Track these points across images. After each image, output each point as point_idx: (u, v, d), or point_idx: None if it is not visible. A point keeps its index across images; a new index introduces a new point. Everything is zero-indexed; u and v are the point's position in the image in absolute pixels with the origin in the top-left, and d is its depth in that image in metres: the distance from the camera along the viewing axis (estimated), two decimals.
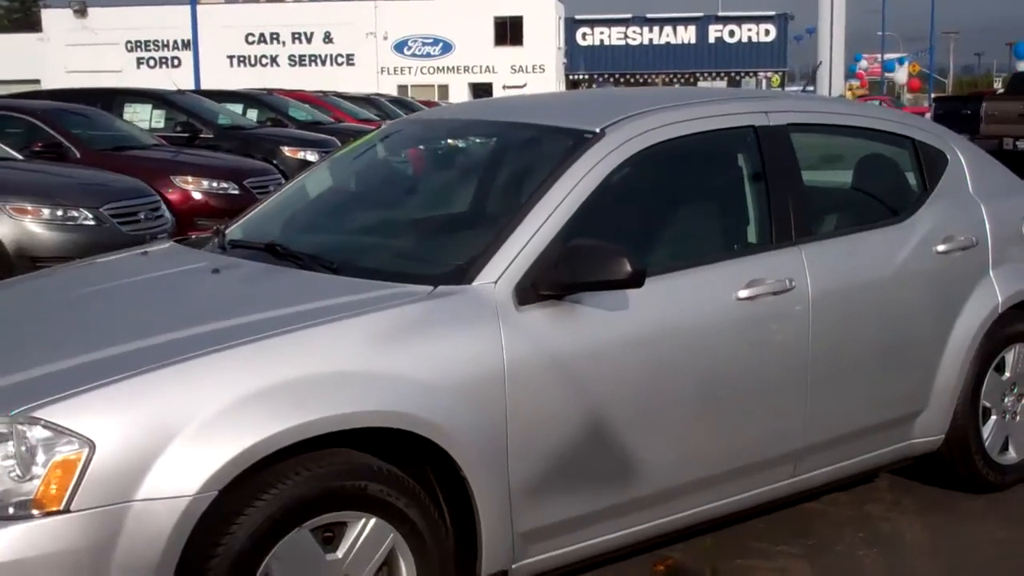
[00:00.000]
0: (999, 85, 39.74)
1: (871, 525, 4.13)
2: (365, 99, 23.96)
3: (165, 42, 54.98)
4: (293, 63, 55.63)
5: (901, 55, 70.38)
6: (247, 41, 55.72)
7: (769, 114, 3.81)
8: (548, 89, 50.58)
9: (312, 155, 13.39)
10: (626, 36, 63.63)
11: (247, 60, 55.58)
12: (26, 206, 8.18)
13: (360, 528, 2.78)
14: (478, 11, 54.93)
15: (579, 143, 3.41)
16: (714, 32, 62.67)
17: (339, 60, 55.83)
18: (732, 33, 62.49)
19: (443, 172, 4.60)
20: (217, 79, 32.93)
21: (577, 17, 63.83)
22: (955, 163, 4.28)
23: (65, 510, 2.45)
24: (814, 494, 4.07)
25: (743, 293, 3.48)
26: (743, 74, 62.60)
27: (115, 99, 14.21)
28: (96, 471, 2.46)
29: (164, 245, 4.04)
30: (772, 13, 62.38)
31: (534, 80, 54.01)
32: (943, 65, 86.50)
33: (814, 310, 3.63)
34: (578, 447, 3.15)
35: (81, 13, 55.38)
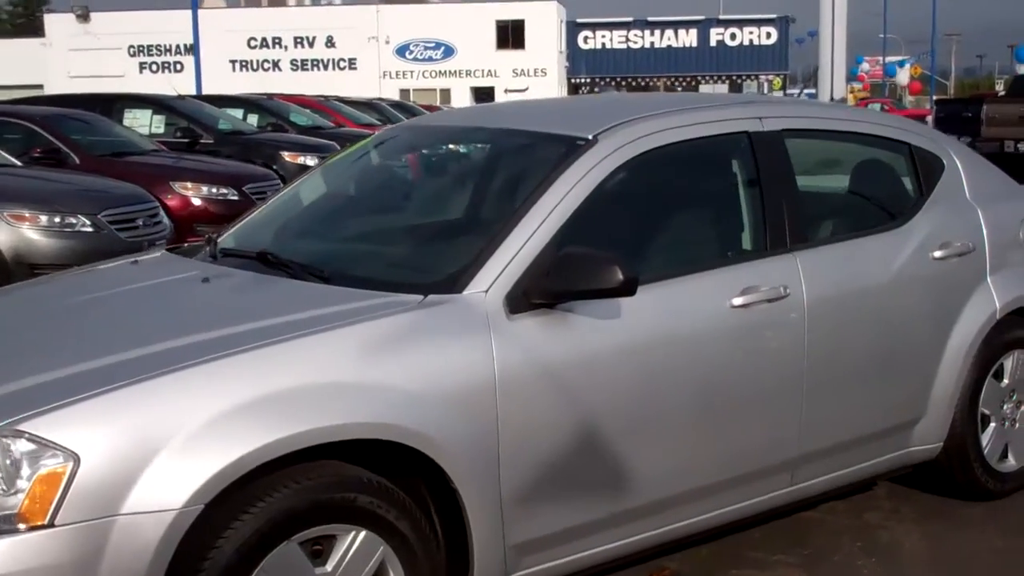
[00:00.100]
0: (1001, 87, 39.69)
1: (869, 534, 4.10)
2: (366, 103, 23.96)
3: (167, 47, 55.09)
4: (295, 67, 55.68)
5: (903, 57, 70.28)
6: (249, 45, 55.78)
7: (763, 120, 3.78)
8: (550, 92, 50.61)
9: (312, 160, 13.37)
10: (627, 39, 63.62)
11: (249, 65, 55.64)
12: (23, 213, 8.14)
13: (349, 541, 2.75)
14: (480, 15, 54.98)
15: (571, 150, 3.39)
16: (715, 35, 62.64)
17: (341, 64, 55.88)
18: (733, 36, 62.46)
19: (436, 179, 4.58)
20: (219, 84, 32.96)
21: (579, 20, 63.83)
22: (951, 168, 4.25)
23: (50, 524, 2.42)
24: (812, 503, 4.04)
25: (737, 301, 3.45)
26: (744, 77, 62.56)
27: (115, 104, 14.15)
28: (81, 485, 2.44)
29: (155, 254, 4.02)
30: (773, 16, 62.38)
31: (536, 84, 54.01)
32: (945, 67, 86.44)
33: (809, 317, 3.61)
34: (571, 457, 3.12)
35: (84, 18, 55.48)
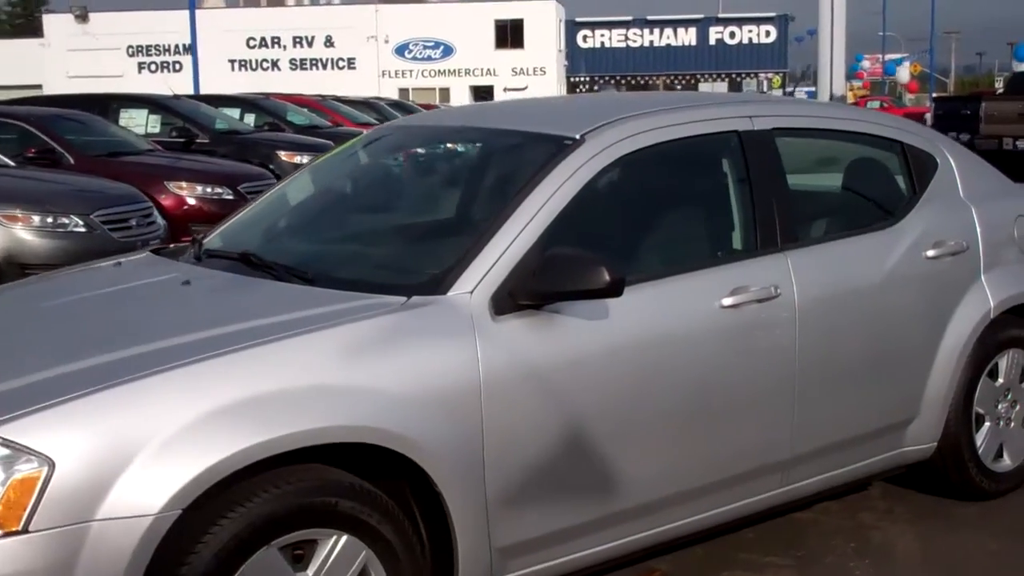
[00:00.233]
0: (1000, 85, 39.64)
1: (863, 535, 4.07)
2: (364, 103, 23.91)
3: (166, 47, 55.05)
4: (294, 67, 55.66)
5: (902, 55, 70.20)
6: (248, 45, 55.75)
7: (753, 119, 3.74)
8: (549, 91, 50.55)
9: (308, 159, 13.34)
10: (627, 38, 63.59)
11: (248, 64, 55.61)
12: (16, 213, 8.09)
13: (331, 546, 2.71)
14: (479, 14, 54.95)
15: (559, 149, 3.35)
16: (715, 34, 62.61)
17: (340, 64, 55.85)
18: (733, 35, 62.43)
19: (423, 179, 4.54)
20: (218, 83, 32.91)
21: (578, 19, 63.80)
22: (945, 166, 4.21)
23: (24, 530, 2.38)
24: (805, 503, 4.00)
25: (727, 301, 3.42)
26: (744, 75, 62.52)
27: (111, 104, 14.14)
28: (56, 490, 2.40)
29: (139, 255, 3.98)
30: (772, 14, 62.34)
31: (535, 82, 53.97)
32: (945, 65, 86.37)
33: (800, 317, 3.57)
34: (558, 460, 3.08)
35: (82, 18, 55.45)
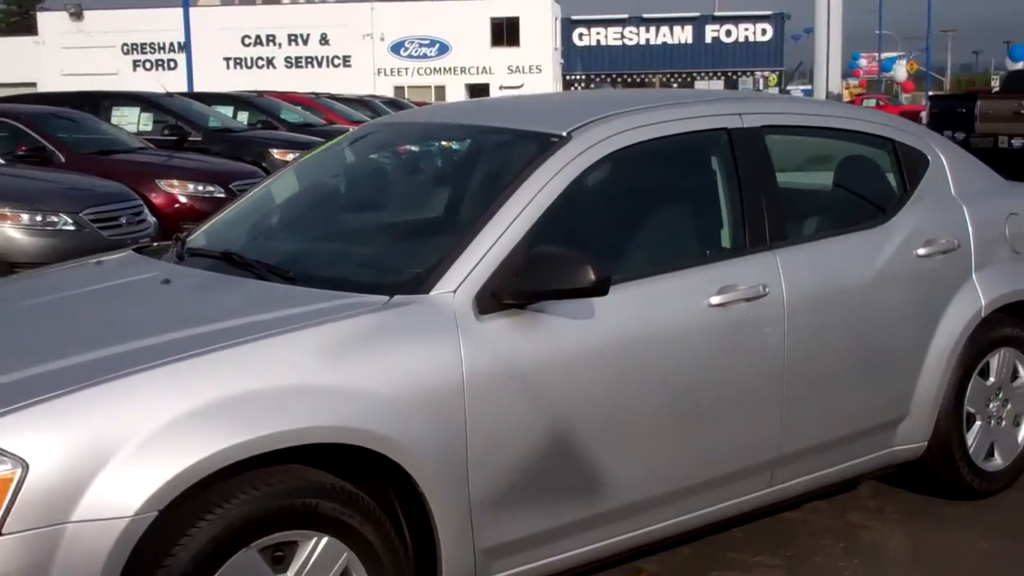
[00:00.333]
0: (996, 83, 39.63)
1: (852, 534, 4.04)
2: (358, 101, 23.86)
3: (161, 44, 54.90)
4: (289, 65, 55.56)
5: (897, 54, 70.17)
6: (243, 43, 55.65)
7: (743, 116, 3.71)
8: (545, 89, 50.48)
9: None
10: (623, 36, 63.62)
11: (243, 62, 55.50)
12: (4, 211, 8.05)
13: (311, 548, 2.67)
14: (474, 12, 54.86)
15: (544, 147, 3.32)
16: (711, 32, 62.65)
17: (336, 62, 55.76)
18: (729, 33, 62.47)
19: (408, 177, 4.50)
20: (213, 82, 32.85)
21: (574, 17, 63.81)
22: (936, 164, 4.18)
23: None
24: (794, 503, 3.98)
25: (715, 300, 3.39)
26: (740, 73, 62.52)
27: (103, 102, 14.10)
28: (30, 492, 2.36)
29: (121, 254, 3.94)
30: (768, 13, 62.38)
31: (531, 81, 53.91)
32: (941, 63, 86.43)
33: (789, 316, 3.54)
34: (543, 460, 3.05)
35: (77, 16, 55.30)
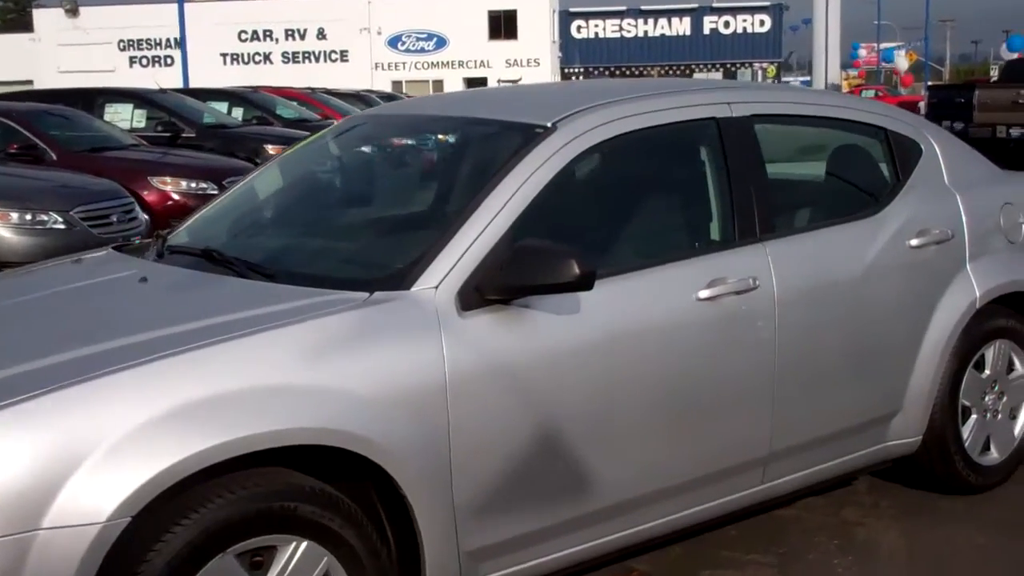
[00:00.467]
0: (995, 73, 39.53)
1: (847, 531, 3.98)
2: (354, 95, 23.80)
3: (157, 40, 54.73)
4: (287, 60, 55.45)
5: (895, 44, 69.95)
6: (240, 39, 55.52)
7: (732, 105, 3.64)
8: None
9: None
10: (621, 28, 63.43)
11: (240, 58, 55.39)
12: None
13: (291, 552, 2.61)
14: (472, 5, 54.72)
15: (529, 138, 3.25)
16: (709, 23, 62.45)
17: (333, 56, 55.63)
18: (727, 24, 62.28)
19: (393, 170, 4.43)
20: (211, 77, 32.77)
21: (571, 10, 63.63)
22: (929, 153, 4.11)
23: None
24: (788, 499, 3.92)
25: (704, 293, 3.32)
26: (739, 65, 62.38)
27: (96, 99, 14.04)
28: None
29: (100, 252, 3.87)
30: (767, 3, 62.17)
31: (529, 74, 53.76)
32: (940, 53, 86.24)
33: (780, 310, 3.48)
34: (529, 460, 2.99)
35: (73, 12, 55.14)
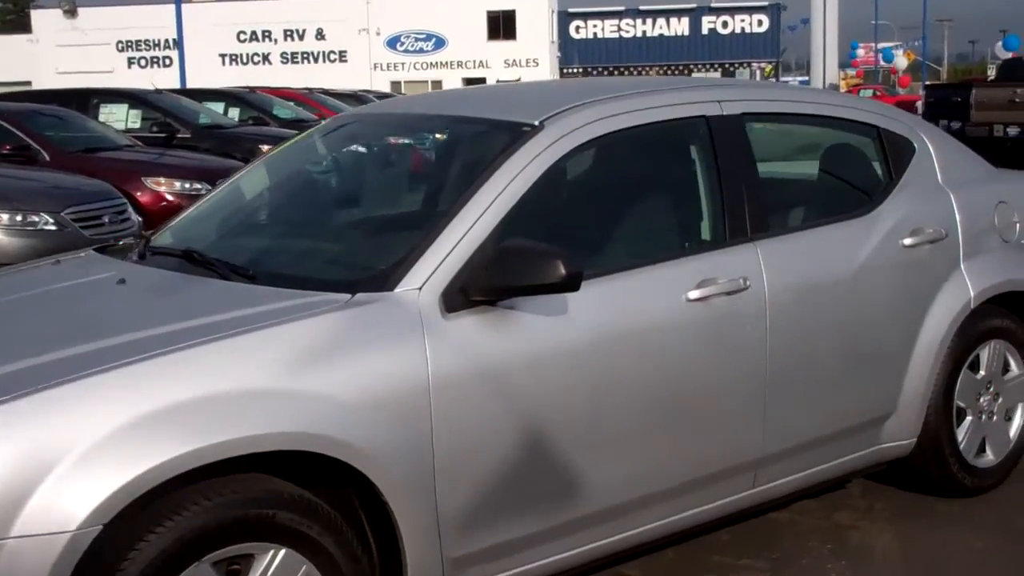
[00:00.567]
0: (992, 73, 39.47)
1: (840, 535, 3.93)
2: (352, 95, 23.74)
3: (156, 41, 54.69)
4: (285, 60, 55.39)
5: (895, 44, 69.90)
6: (239, 39, 55.47)
7: (722, 103, 3.59)
8: None
9: None
10: (619, 28, 63.40)
11: (239, 58, 55.34)
12: None
13: (269, 560, 2.56)
14: (471, 5, 54.67)
15: (516, 136, 3.20)
16: (707, 23, 62.41)
17: (332, 57, 55.57)
18: (725, 24, 62.26)
19: (379, 170, 4.37)
20: (209, 78, 32.71)
21: (570, 10, 63.60)
22: (923, 152, 4.06)
23: None
24: (781, 503, 3.86)
25: (694, 294, 3.27)
26: (737, 65, 62.34)
27: (91, 99, 14.01)
28: None
29: (80, 253, 3.82)
30: (765, 3, 62.13)
31: (528, 74, 53.69)
32: (938, 53, 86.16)
33: (771, 310, 3.42)
34: (515, 465, 2.93)
35: (71, 13, 55.07)
